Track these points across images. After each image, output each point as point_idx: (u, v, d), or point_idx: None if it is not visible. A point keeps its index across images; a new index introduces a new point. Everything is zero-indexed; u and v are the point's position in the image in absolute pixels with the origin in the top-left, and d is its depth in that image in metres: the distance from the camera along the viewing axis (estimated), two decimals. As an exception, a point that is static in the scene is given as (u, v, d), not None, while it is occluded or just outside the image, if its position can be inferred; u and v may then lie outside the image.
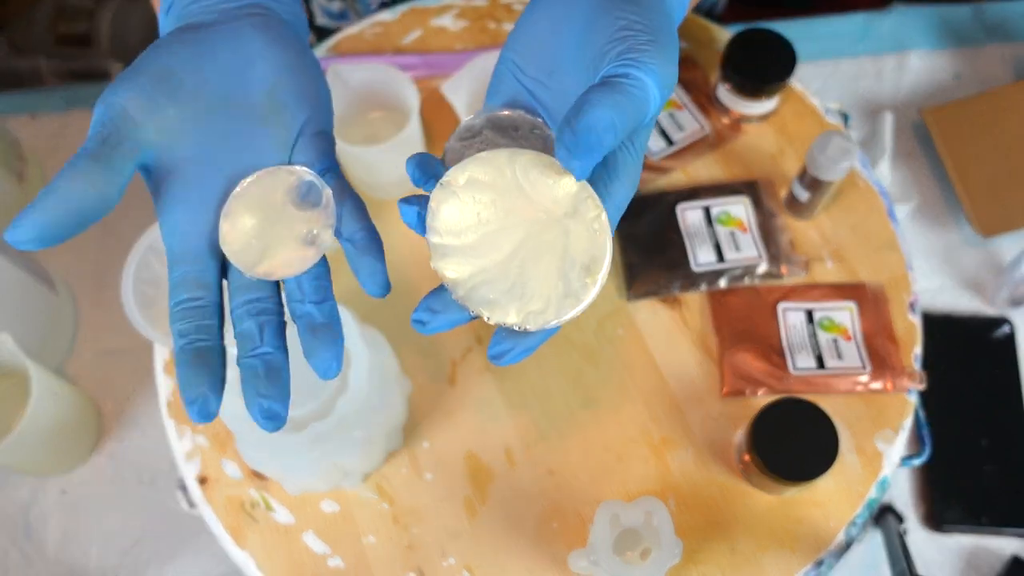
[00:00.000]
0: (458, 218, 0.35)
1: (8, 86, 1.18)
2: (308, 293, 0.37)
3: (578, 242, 0.35)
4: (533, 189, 0.35)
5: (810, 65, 0.88)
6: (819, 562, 0.59)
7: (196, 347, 0.36)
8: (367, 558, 0.60)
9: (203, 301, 0.37)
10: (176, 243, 0.38)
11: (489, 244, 0.35)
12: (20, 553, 0.71)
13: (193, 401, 0.34)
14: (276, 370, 0.36)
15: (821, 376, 0.63)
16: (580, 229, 0.35)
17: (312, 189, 0.38)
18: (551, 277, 0.34)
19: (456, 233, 0.35)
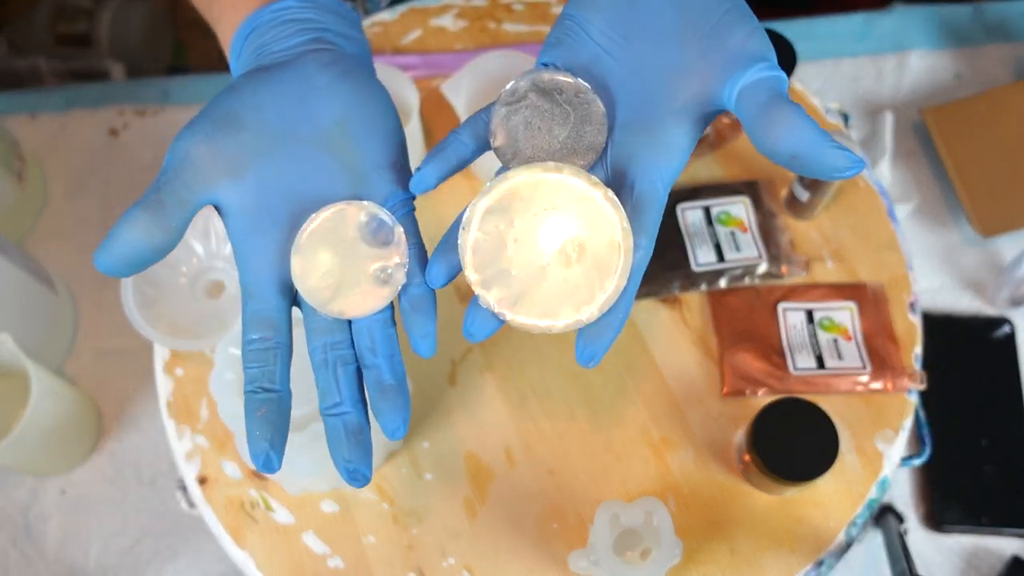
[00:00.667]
0: (489, 250, 0.37)
1: (8, 86, 1.18)
2: (379, 344, 0.38)
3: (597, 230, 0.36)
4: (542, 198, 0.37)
5: (810, 65, 0.88)
6: (819, 562, 0.59)
7: (261, 398, 0.37)
8: (367, 558, 0.60)
9: (272, 342, 0.38)
10: (248, 279, 0.39)
11: (522, 265, 0.37)
12: (20, 553, 0.71)
13: (257, 456, 0.36)
14: (358, 432, 0.38)
15: (821, 376, 0.63)
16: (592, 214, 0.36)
17: (383, 226, 0.38)
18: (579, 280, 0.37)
19: (489, 263, 0.37)
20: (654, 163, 0.38)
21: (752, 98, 0.35)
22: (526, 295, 0.37)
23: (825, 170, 0.34)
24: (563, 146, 0.38)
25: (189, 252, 0.66)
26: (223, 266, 0.66)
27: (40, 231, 0.83)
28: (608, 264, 0.36)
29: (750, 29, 0.36)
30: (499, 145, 0.39)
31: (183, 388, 0.65)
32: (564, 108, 0.38)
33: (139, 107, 0.88)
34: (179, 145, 0.38)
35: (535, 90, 0.39)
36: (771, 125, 0.34)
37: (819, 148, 0.34)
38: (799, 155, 0.34)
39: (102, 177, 0.85)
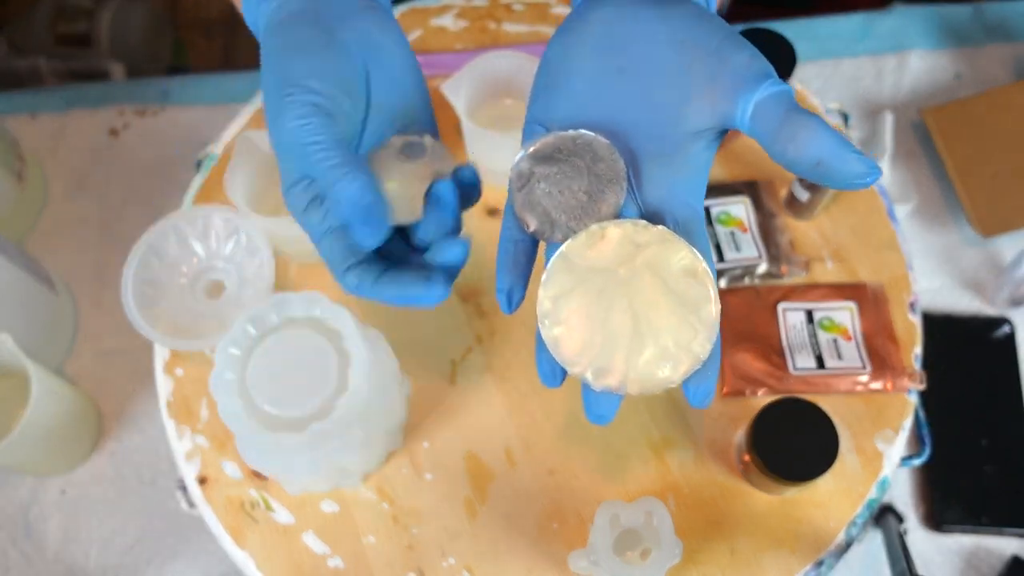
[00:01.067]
0: (577, 337, 0.37)
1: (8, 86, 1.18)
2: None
3: (666, 270, 0.36)
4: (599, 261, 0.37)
5: (810, 65, 0.87)
6: (819, 562, 0.59)
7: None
8: (367, 558, 0.60)
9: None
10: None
11: (613, 336, 0.37)
12: (20, 553, 0.71)
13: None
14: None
15: (821, 376, 0.63)
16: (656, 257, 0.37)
17: (414, 145, 0.40)
18: (674, 320, 0.36)
19: (582, 349, 0.37)
20: (685, 187, 0.38)
21: (769, 112, 0.36)
22: (633, 361, 0.37)
23: (849, 176, 0.35)
24: (589, 194, 0.38)
25: (189, 252, 0.66)
26: (223, 266, 0.66)
27: (40, 231, 0.83)
28: (693, 294, 0.36)
29: (750, 52, 0.37)
30: (535, 228, 0.39)
31: (183, 388, 0.65)
32: (571, 161, 0.39)
33: (139, 107, 0.88)
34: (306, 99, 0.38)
35: (536, 163, 0.39)
36: (794, 135, 0.35)
37: (842, 155, 0.34)
38: (824, 162, 0.35)
39: (102, 177, 0.85)
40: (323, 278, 0.68)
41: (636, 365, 0.36)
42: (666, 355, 0.36)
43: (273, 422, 0.54)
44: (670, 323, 0.36)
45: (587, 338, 0.37)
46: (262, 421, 0.53)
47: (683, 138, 0.38)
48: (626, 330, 0.36)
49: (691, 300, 0.36)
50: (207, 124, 0.87)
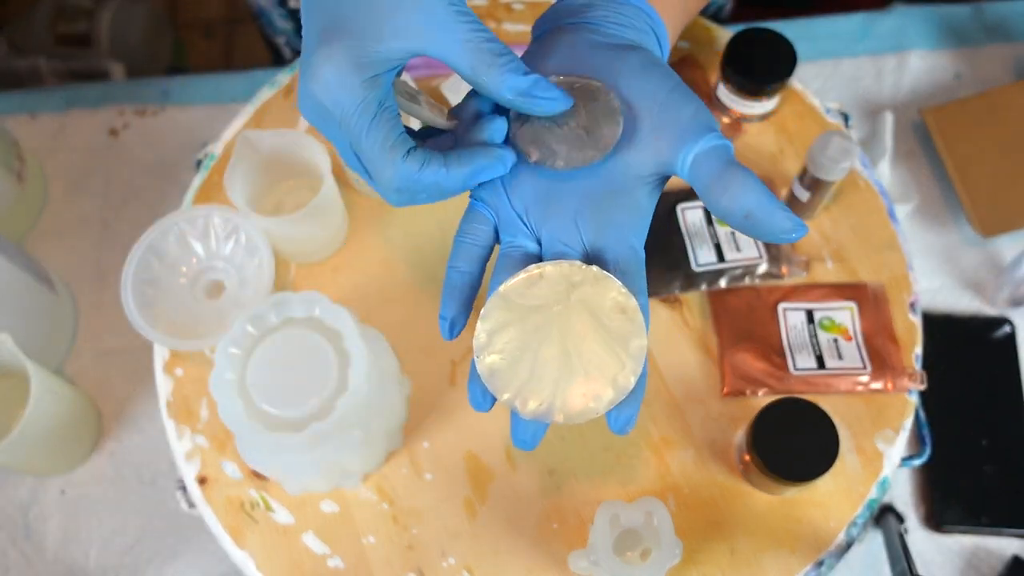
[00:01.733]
0: (509, 368, 0.39)
1: (8, 86, 1.18)
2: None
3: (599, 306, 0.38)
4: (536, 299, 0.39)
5: (810, 65, 0.87)
6: (819, 562, 0.59)
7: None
8: (367, 558, 0.60)
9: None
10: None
11: (543, 364, 0.38)
12: (20, 553, 0.71)
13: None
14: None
15: (821, 376, 0.63)
16: (589, 294, 0.38)
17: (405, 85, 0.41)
18: (602, 353, 0.38)
19: (513, 378, 0.38)
20: (629, 228, 0.40)
21: (706, 164, 0.38)
22: (561, 391, 0.38)
23: (775, 230, 0.37)
24: (588, 129, 0.40)
25: (189, 252, 0.66)
26: (223, 266, 0.66)
27: (40, 231, 0.83)
28: (623, 329, 0.38)
29: (696, 106, 0.39)
30: (537, 158, 0.40)
31: (183, 388, 0.65)
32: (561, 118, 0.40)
33: (139, 107, 0.88)
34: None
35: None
36: (727, 187, 0.37)
37: (770, 209, 0.37)
38: (752, 214, 0.37)
39: (102, 177, 0.85)
40: (323, 278, 0.68)
41: (563, 395, 0.38)
42: (593, 386, 0.38)
43: (273, 422, 0.54)
44: (599, 356, 0.38)
45: (518, 369, 0.38)
46: (262, 421, 0.53)
47: (629, 181, 0.40)
48: (556, 362, 0.38)
49: (621, 335, 0.38)
50: (207, 124, 0.87)
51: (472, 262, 0.42)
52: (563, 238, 0.40)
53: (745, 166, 0.38)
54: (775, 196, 0.37)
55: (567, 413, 0.38)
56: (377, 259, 0.68)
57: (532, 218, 0.41)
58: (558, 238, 0.40)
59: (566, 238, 0.40)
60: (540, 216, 0.41)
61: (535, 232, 0.41)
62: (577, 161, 0.40)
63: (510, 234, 0.41)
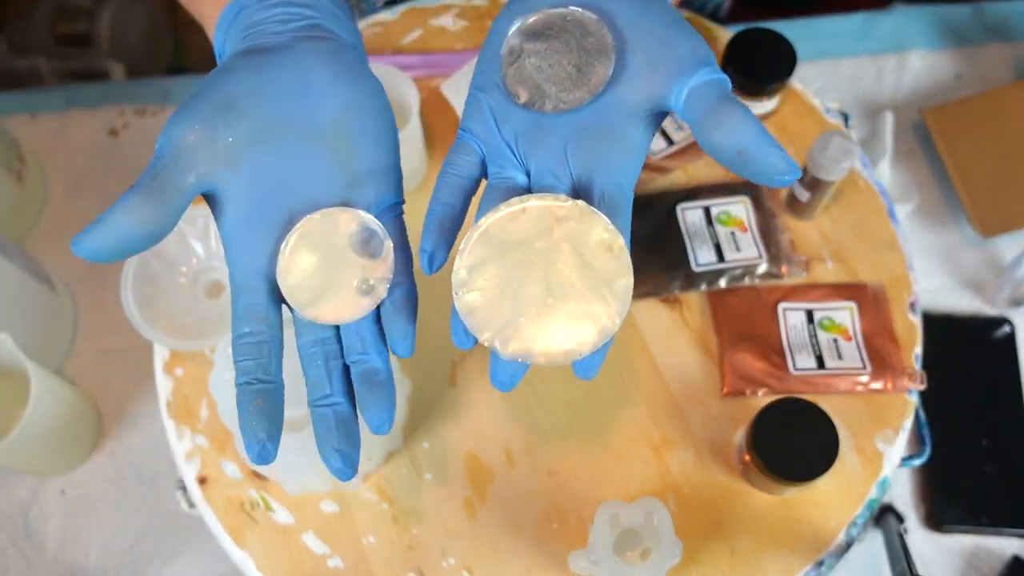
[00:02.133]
0: (488, 306, 0.37)
1: (8, 86, 1.18)
2: (368, 341, 0.39)
3: (583, 243, 0.37)
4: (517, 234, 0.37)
5: (810, 65, 0.87)
6: (819, 562, 0.59)
7: (256, 389, 0.37)
8: (367, 558, 0.60)
9: (264, 336, 0.38)
10: (238, 273, 0.38)
11: (525, 303, 0.37)
12: (20, 553, 0.71)
13: (252, 447, 0.37)
14: (348, 422, 0.38)
15: (821, 376, 0.63)
16: (574, 231, 0.37)
17: (374, 238, 0.38)
18: (586, 292, 0.36)
19: (493, 317, 0.37)
20: (619, 165, 0.38)
21: (700, 99, 0.37)
22: (543, 332, 0.37)
23: (767, 169, 0.35)
24: (579, 67, 0.39)
25: (189, 252, 0.66)
26: (223, 266, 0.66)
27: (40, 231, 0.83)
28: (608, 268, 0.37)
29: (694, 39, 0.38)
30: (526, 100, 0.39)
31: (183, 388, 0.65)
32: (561, 37, 0.39)
33: (139, 107, 0.88)
34: (175, 130, 0.37)
35: (526, 38, 0.39)
36: (719, 122, 0.36)
37: (763, 147, 0.35)
38: (744, 150, 0.35)
39: (102, 177, 0.85)
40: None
41: (545, 335, 0.37)
42: (576, 327, 0.37)
43: (273, 422, 0.54)
44: (583, 295, 0.37)
45: (498, 307, 0.37)
46: (262, 421, 0.53)
47: (621, 116, 0.39)
48: (537, 301, 0.37)
49: (606, 273, 0.37)
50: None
51: (456, 194, 0.40)
52: (552, 169, 0.39)
53: (741, 102, 0.36)
54: (770, 135, 0.35)
55: (549, 355, 0.37)
56: (377, 259, 0.68)
57: (521, 148, 0.39)
58: (548, 168, 0.39)
59: (555, 169, 0.39)
60: (529, 146, 0.39)
61: (524, 163, 0.40)
62: (566, 103, 0.38)
63: (498, 165, 0.40)
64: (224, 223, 0.38)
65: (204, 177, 0.37)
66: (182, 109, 0.37)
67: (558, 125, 0.39)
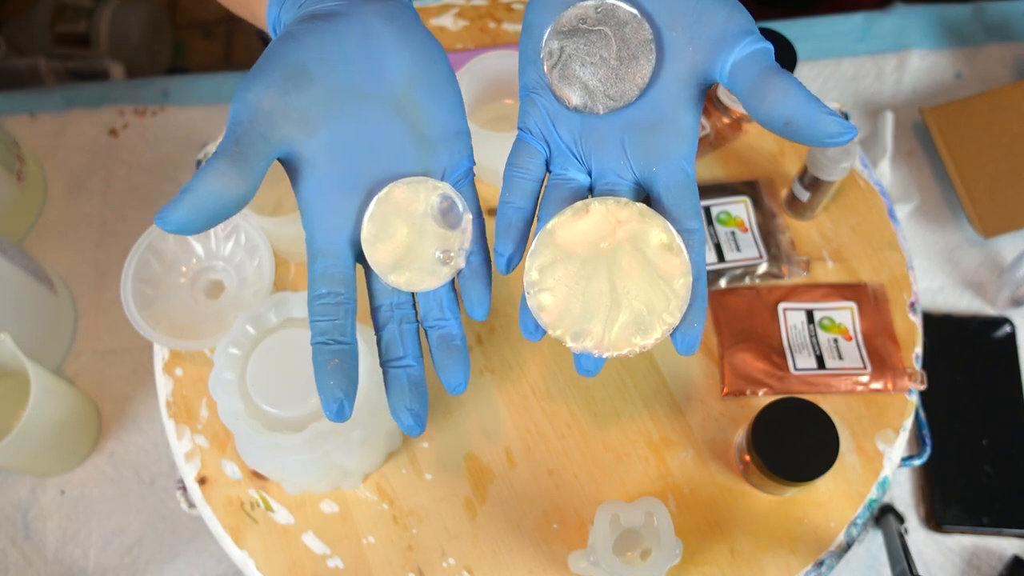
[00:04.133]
0: (559, 304, 0.39)
1: (7, 86, 1.18)
2: (446, 308, 0.40)
3: (645, 244, 0.39)
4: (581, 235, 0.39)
5: (810, 65, 0.88)
6: (819, 562, 0.59)
7: (333, 349, 0.38)
8: (367, 558, 0.60)
9: (342, 298, 0.39)
10: (319, 236, 0.39)
11: (592, 300, 0.39)
12: (20, 553, 0.71)
13: (331, 405, 0.37)
14: (419, 384, 0.39)
15: (821, 376, 0.63)
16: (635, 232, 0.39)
17: (453, 209, 0.40)
18: (649, 290, 0.39)
19: (564, 315, 0.39)
20: (677, 152, 0.39)
21: (745, 70, 0.37)
22: (609, 327, 0.39)
23: (818, 135, 0.35)
24: (621, 59, 0.39)
25: (189, 252, 0.66)
26: (223, 266, 0.66)
27: (40, 231, 0.83)
28: (669, 267, 0.38)
29: (730, 8, 0.38)
30: (577, 103, 0.40)
31: (183, 388, 0.65)
32: (597, 31, 0.39)
33: (139, 107, 0.88)
34: (249, 96, 0.37)
35: (563, 38, 0.40)
36: (766, 93, 0.36)
37: (812, 114, 0.35)
38: (793, 120, 0.35)
39: (102, 177, 0.85)
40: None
41: (611, 331, 0.39)
42: (640, 322, 0.39)
43: (273, 422, 0.54)
44: (645, 293, 0.38)
45: (568, 305, 0.39)
46: (262, 421, 0.53)
47: (670, 104, 0.39)
48: (605, 298, 0.39)
49: (666, 272, 0.38)
50: (207, 124, 0.87)
51: (525, 197, 0.41)
52: (614, 168, 0.40)
53: (785, 70, 0.36)
54: (818, 100, 0.35)
55: (616, 348, 0.39)
56: (377, 259, 0.68)
57: (581, 149, 0.40)
58: (609, 168, 0.40)
59: (616, 168, 0.40)
60: (588, 147, 0.40)
61: (585, 163, 0.40)
62: (615, 100, 0.39)
63: (561, 166, 0.41)
64: (303, 187, 0.39)
65: (283, 141, 0.37)
66: (252, 75, 0.37)
67: (612, 123, 0.40)
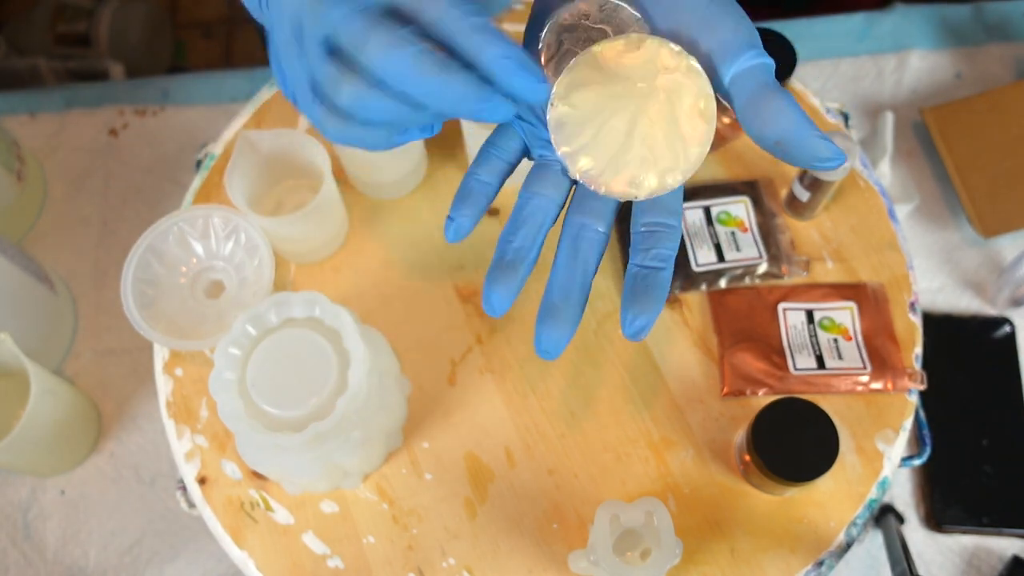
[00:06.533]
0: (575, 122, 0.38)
1: (7, 86, 1.18)
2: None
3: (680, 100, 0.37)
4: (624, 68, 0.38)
5: (810, 65, 0.88)
6: (819, 562, 0.59)
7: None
8: (367, 558, 0.60)
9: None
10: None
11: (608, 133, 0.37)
12: (20, 553, 0.71)
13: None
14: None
15: (821, 376, 0.63)
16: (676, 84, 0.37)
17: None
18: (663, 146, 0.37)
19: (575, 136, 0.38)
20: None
21: (743, 85, 0.36)
22: (613, 164, 0.38)
23: (808, 158, 0.35)
24: None
25: (189, 252, 0.66)
26: (223, 266, 0.66)
27: (40, 231, 0.83)
28: (693, 132, 0.37)
29: (737, 19, 0.38)
30: None
31: (183, 388, 0.65)
32: (598, 29, 0.39)
33: (139, 107, 0.88)
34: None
35: (563, 32, 0.39)
36: (759, 111, 0.35)
37: (804, 136, 0.35)
38: (784, 141, 0.35)
39: (102, 177, 0.85)
40: (323, 278, 0.68)
41: (614, 169, 0.38)
42: (641, 171, 0.38)
43: (273, 422, 0.54)
44: (660, 146, 0.37)
45: (582, 128, 0.38)
46: (262, 421, 0.53)
47: None
48: (620, 136, 0.38)
49: (687, 135, 0.37)
50: (207, 124, 0.87)
51: (494, 174, 0.40)
52: None
53: (783, 88, 0.36)
54: (811, 122, 0.35)
55: (608, 187, 0.38)
56: (377, 259, 0.68)
57: None
58: None
59: None
60: None
61: None
62: None
63: (546, 149, 0.40)
64: None
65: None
66: None
67: None
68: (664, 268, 0.38)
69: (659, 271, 0.38)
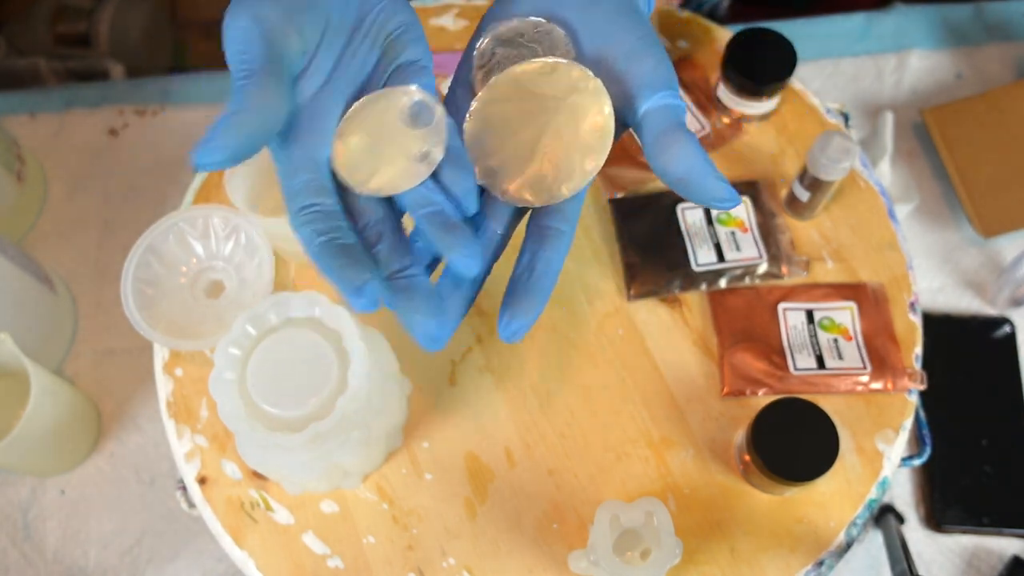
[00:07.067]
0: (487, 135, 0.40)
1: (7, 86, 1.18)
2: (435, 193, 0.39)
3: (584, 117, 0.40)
4: (539, 87, 0.40)
5: (810, 65, 0.88)
6: (819, 562, 0.59)
7: (339, 244, 0.37)
8: (367, 558, 0.60)
9: (330, 206, 0.38)
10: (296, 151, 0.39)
11: (515, 144, 0.40)
12: (19, 553, 0.71)
13: (359, 289, 0.36)
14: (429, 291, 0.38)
15: (821, 376, 0.63)
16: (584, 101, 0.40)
17: (424, 109, 0.40)
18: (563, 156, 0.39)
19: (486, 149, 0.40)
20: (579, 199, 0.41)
21: (654, 121, 0.38)
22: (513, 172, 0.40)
23: (707, 197, 0.37)
24: None
25: (189, 252, 0.66)
26: (223, 266, 0.66)
27: (40, 231, 0.83)
28: (591, 145, 0.39)
29: (659, 59, 0.39)
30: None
31: (183, 388, 0.65)
32: (530, 47, 0.41)
33: (139, 107, 0.88)
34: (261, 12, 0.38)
35: (498, 44, 0.42)
36: (666, 149, 0.38)
37: (704, 177, 0.37)
38: (686, 179, 0.37)
39: (102, 177, 0.85)
40: (322, 278, 0.68)
41: (511, 174, 0.40)
42: (540, 180, 0.39)
43: (273, 422, 0.54)
44: (559, 159, 0.39)
45: (494, 141, 0.40)
46: (262, 421, 0.53)
47: None
48: (525, 149, 0.40)
49: (586, 149, 0.39)
50: (207, 124, 0.87)
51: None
52: None
53: (690, 131, 0.38)
54: (711, 163, 0.37)
55: (507, 193, 0.39)
56: (377, 259, 0.68)
57: None
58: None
59: None
60: None
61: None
62: None
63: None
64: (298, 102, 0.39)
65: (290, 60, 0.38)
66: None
67: None
68: (546, 272, 0.38)
69: (541, 275, 0.38)
